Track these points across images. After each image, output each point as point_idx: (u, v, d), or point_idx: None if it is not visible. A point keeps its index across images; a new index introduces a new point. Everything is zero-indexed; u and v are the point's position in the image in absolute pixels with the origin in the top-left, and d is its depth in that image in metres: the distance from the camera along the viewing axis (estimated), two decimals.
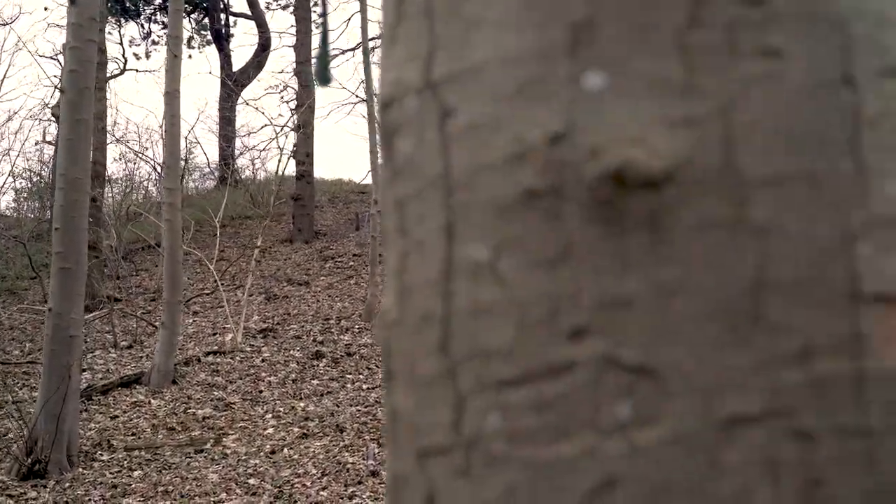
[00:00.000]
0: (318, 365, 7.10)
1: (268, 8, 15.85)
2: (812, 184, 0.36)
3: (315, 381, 6.67)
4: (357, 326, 8.13)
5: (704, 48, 0.36)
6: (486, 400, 0.37)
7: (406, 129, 0.42)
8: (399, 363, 0.41)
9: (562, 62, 0.37)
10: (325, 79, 0.59)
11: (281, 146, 12.23)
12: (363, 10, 9.43)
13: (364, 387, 6.46)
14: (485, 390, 0.37)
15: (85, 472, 4.99)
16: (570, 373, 0.36)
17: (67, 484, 4.79)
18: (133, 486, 4.74)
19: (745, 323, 0.35)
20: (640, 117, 0.36)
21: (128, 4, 14.70)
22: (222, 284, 8.72)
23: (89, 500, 4.58)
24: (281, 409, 6.05)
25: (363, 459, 4.89)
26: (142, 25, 15.47)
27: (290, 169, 11.66)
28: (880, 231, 0.36)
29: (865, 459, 0.34)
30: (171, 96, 6.84)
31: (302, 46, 12.14)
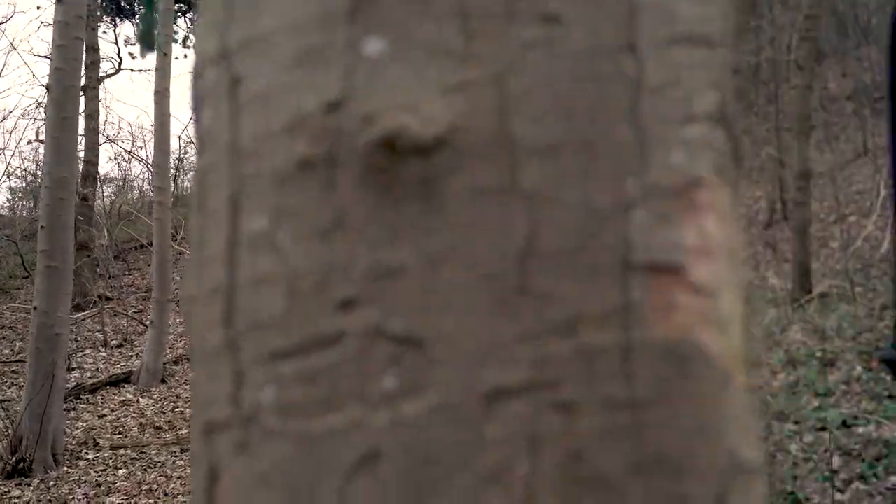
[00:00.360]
0: None
1: None
2: (587, 152, 0.35)
3: None
4: None
5: (483, 14, 0.36)
6: (263, 372, 0.36)
7: (207, 100, 0.41)
8: (195, 338, 0.40)
9: (342, 28, 0.36)
10: (148, 44, 0.57)
11: None
12: None
13: None
14: (262, 363, 0.37)
15: (70, 470, 4.99)
16: (340, 344, 0.35)
17: (52, 482, 4.79)
18: (118, 484, 4.74)
19: (513, 292, 0.34)
20: (416, 84, 0.35)
21: (123, 4, 14.71)
22: None
23: (73, 498, 4.58)
24: None
25: None
26: (137, 25, 15.49)
27: None
28: (657, 200, 0.35)
29: (630, 432, 0.34)
30: (162, 95, 6.85)
31: None
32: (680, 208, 0.35)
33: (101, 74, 11.36)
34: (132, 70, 17.67)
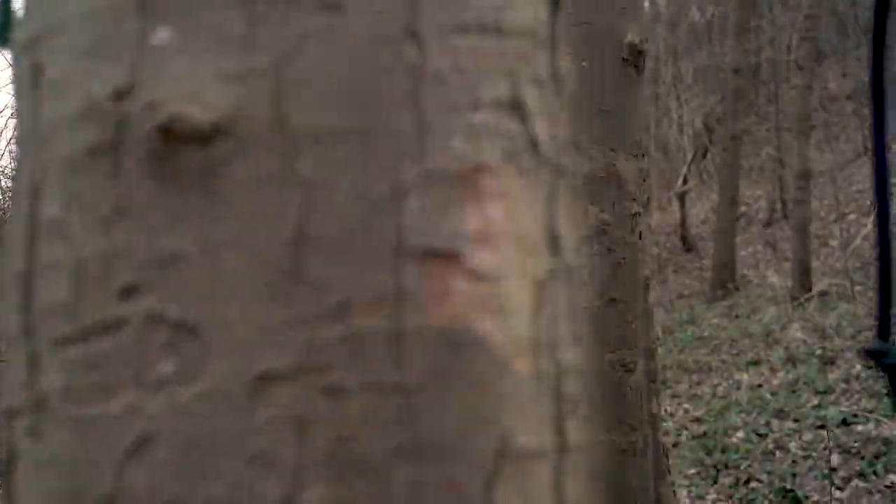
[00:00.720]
0: None
1: None
2: (365, 139, 0.35)
3: None
4: None
5: (267, 1, 0.36)
6: (53, 359, 0.37)
7: (17, 88, 0.41)
8: (2, 324, 0.41)
9: (132, 17, 0.37)
10: (3, 39, 0.57)
11: None
12: None
13: None
14: (53, 349, 0.37)
15: None
16: (122, 330, 0.35)
17: None
18: None
19: (285, 279, 0.34)
20: (199, 72, 0.36)
21: None
22: None
23: None
24: None
25: None
26: None
27: None
28: (436, 187, 0.35)
29: (400, 416, 0.34)
30: None
31: None
32: (461, 195, 0.36)
33: None
34: None
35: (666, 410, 7.01)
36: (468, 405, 0.34)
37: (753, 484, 5.43)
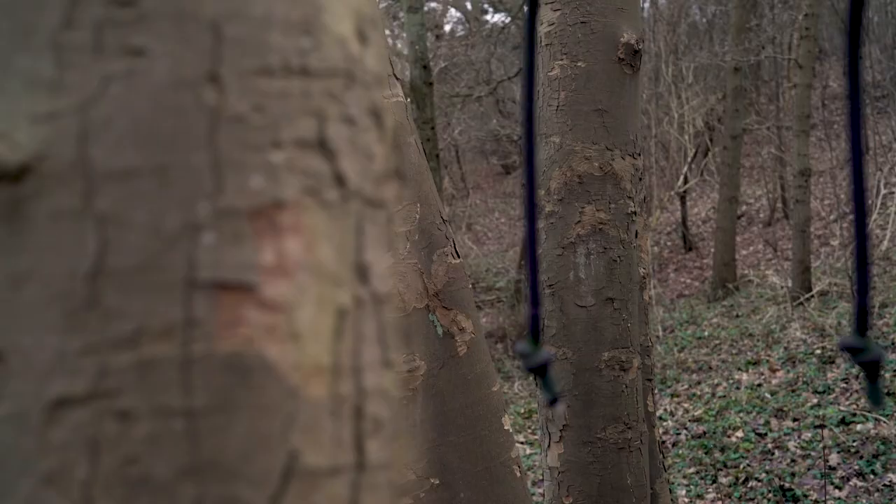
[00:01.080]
0: None
1: None
2: (161, 177, 0.37)
3: None
4: None
5: (74, 47, 0.38)
6: None
7: None
8: None
9: None
10: None
11: None
12: None
13: None
14: None
15: None
16: None
17: None
18: None
19: (81, 308, 0.36)
20: (10, 112, 0.38)
21: None
22: None
23: None
24: None
25: None
26: None
27: None
28: (231, 222, 0.37)
29: (185, 438, 0.36)
30: None
31: None
32: (256, 230, 0.38)
33: None
34: None
35: (665, 409, 7.02)
36: (254, 427, 0.37)
37: (752, 483, 5.44)
